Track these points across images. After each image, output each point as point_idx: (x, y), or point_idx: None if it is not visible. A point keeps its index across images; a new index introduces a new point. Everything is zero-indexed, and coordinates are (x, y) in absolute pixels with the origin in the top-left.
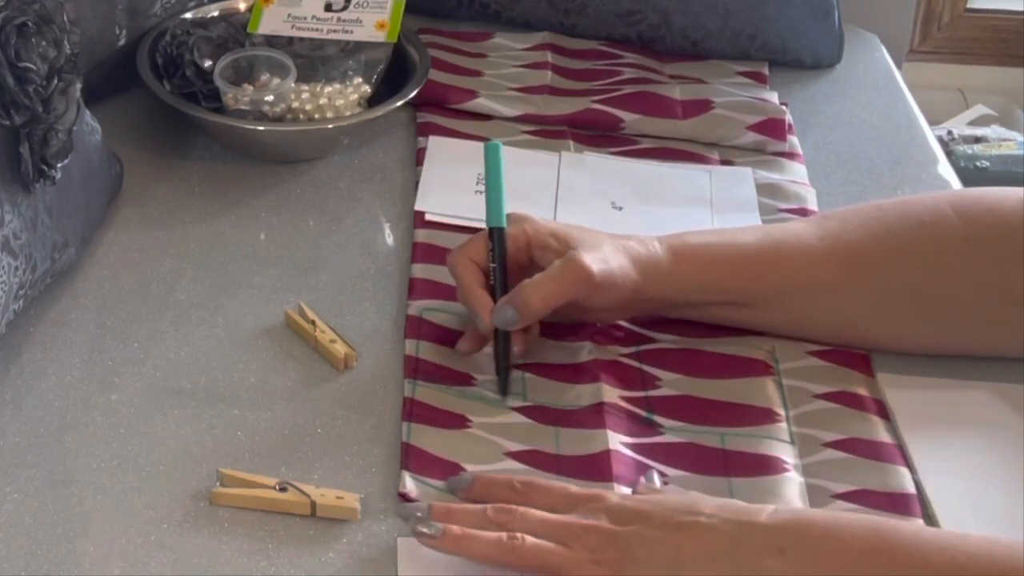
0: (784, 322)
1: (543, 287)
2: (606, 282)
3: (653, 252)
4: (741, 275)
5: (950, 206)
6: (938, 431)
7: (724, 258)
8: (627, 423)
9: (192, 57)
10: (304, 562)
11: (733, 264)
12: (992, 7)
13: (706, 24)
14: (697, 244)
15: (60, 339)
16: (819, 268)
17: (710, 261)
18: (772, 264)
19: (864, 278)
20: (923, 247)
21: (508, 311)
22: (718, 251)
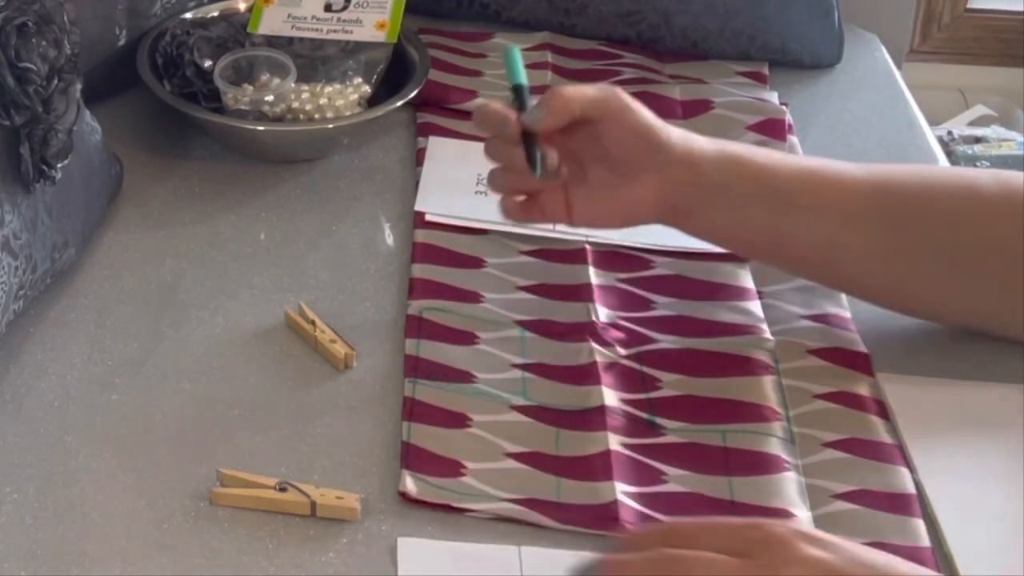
0: (812, 244)
1: (573, 87)
2: (622, 111)
3: (698, 139)
4: (780, 176)
5: (992, 177)
6: (938, 431)
7: (764, 157)
8: (628, 425)
9: (192, 57)
10: (304, 562)
11: (773, 164)
12: (992, 7)
13: (706, 24)
14: (745, 153)
15: (60, 339)
16: (858, 190)
17: (750, 157)
18: (811, 175)
19: (900, 211)
20: (963, 199)
21: (535, 108)
22: (759, 152)
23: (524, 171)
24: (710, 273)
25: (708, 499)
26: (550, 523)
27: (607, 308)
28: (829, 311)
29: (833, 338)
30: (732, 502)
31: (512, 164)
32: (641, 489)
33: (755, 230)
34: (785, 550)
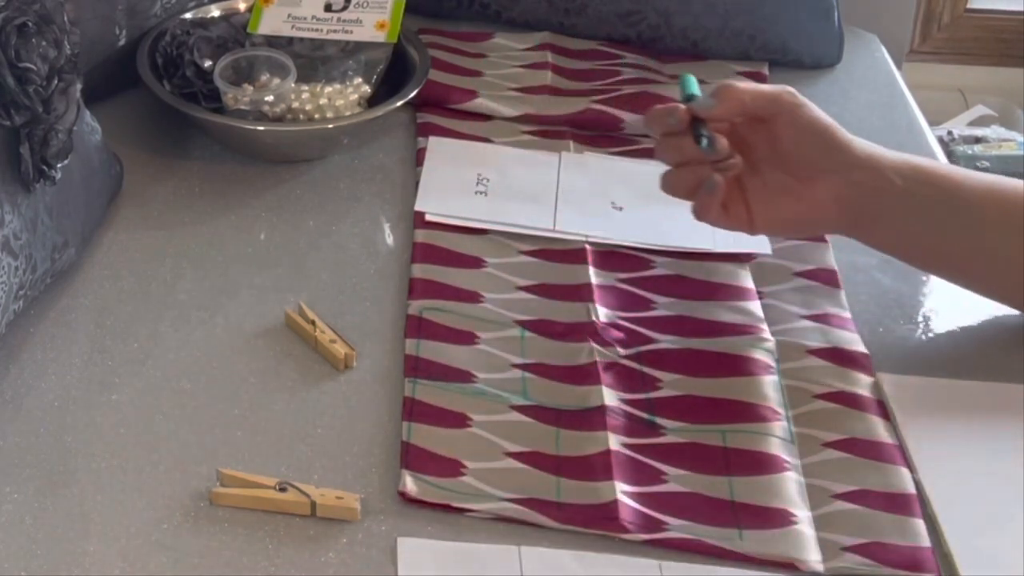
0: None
1: (747, 84)
2: (798, 109)
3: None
4: (965, 188)
5: None
6: (938, 431)
7: (948, 168)
8: (628, 425)
9: (192, 57)
10: (304, 562)
11: (958, 176)
12: (992, 7)
13: (706, 24)
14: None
15: (60, 339)
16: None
17: (933, 167)
18: (996, 190)
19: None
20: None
21: (707, 96)
22: (941, 164)
23: (698, 167)
24: (710, 273)
25: (708, 499)
26: (550, 523)
27: (607, 308)
28: (829, 311)
29: (833, 338)
30: (732, 502)
31: (683, 156)
32: (641, 489)
33: (946, 243)
34: None
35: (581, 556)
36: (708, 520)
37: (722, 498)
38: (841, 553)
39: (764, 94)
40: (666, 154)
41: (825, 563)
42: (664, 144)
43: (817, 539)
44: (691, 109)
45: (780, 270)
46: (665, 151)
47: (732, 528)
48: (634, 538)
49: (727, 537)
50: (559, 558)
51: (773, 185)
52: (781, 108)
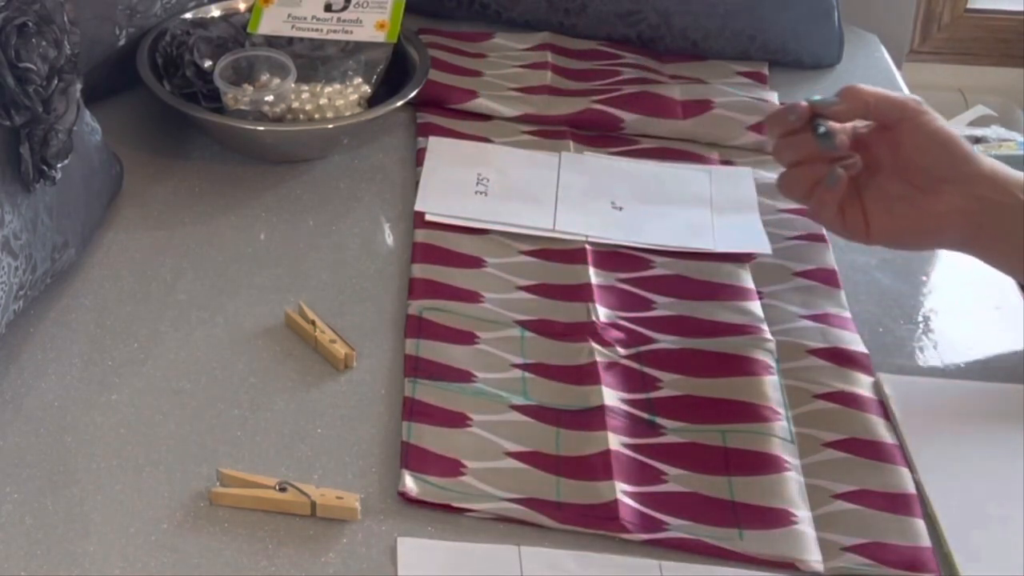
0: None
1: (867, 88)
2: (922, 118)
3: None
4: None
5: None
6: (938, 431)
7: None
8: (628, 425)
9: (192, 57)
10: (304, 562)
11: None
12: (992, 7)
13: (706, 24)
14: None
15: (60, 339)
16: None
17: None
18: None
19: None
20: None
21: (830, 98)
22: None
23: (816, 165)
24: (710, 273)
25: (708, 499)
26: (550, 523)
27: (607, 308)
28: (829, 311)
29: (833, 338)
30: (732, 502)
31: (801, 154)
32: (641, 489)
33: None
34: None
35: (581, 556)
36: (708, 520)
37: (722, 498)
38: (841, 553)
39: (889, 99)
40: (784, 153)
41: (825, 563)
42: (782, 144)
43: (817, 539)
44: (813, 106)
45: (780, 270)
46: (783, 150)
47: (732, 528)
48: (634, 538)
49: (727, 537)
50: (559, 558)
51: (893, 193)
52: (905, 114)
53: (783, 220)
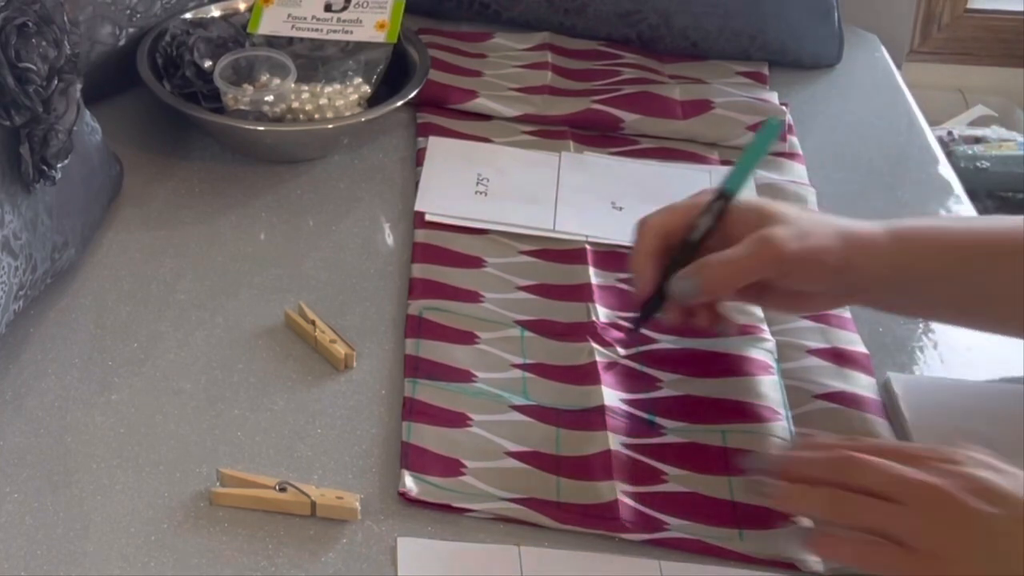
0: (1005, 320)
1: (731, 264)
2: (802, 262)
3: (868, 229)
4: (971, 263)
5: None
6: (947, 431)
7: (952, 242)
8: (628, 425)
9: (192, 57)
10: (304, 562)
11: (964, 249)
12: (992, 7)
13: (706, 24)
14: (921, 226)
15: (60, 339)
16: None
17: (932, 241)
18: (1009, 256)
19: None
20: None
21: (688, 284)
22: (946, 234)
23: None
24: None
25: (708, 499)
26: (550, 523)
27: (607, 308)
28: (829, 311)
29: (833, 338)
30: (732, 502)
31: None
32: (641, 489)
33: (941, 309)
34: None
35: (581, 556)
36: (708, 520)
37: (722, 498)
38: None
39: (751, 274)
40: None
41: (825, 563)
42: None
43: None
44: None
45: None
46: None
47: (732, 528)
48: (634, 538)
49: (727, 537)
50: (559, 558)
51: (768, 304)
52: (777, 276)
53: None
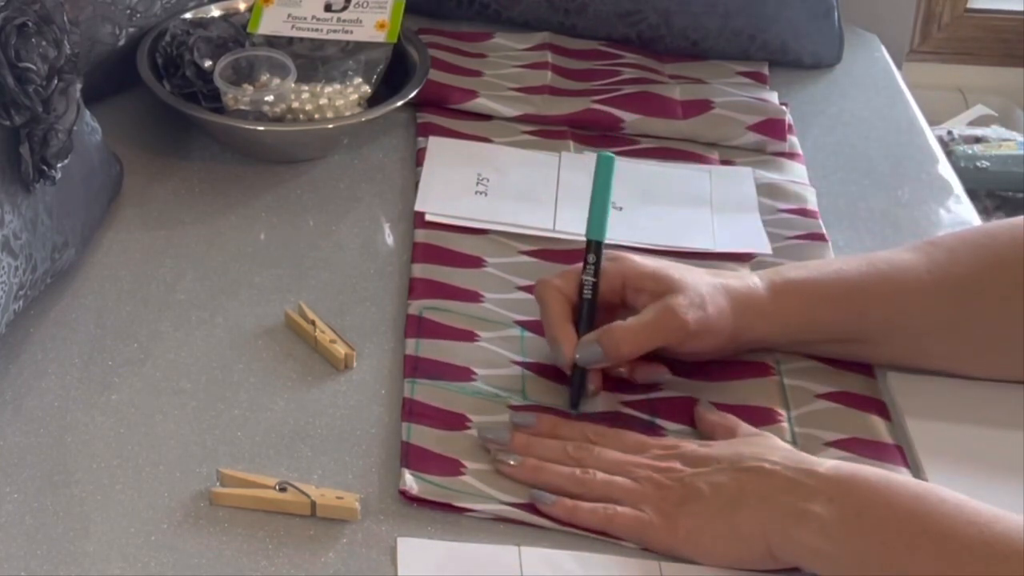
0: (897, 356)
1: (634, 332)
2: (702, 330)
3: (753, 290)
4: (846, 312)
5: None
6: (946, 431)
7: (828, 294)
8: (629, 427)
9: (192, 57)
10: (304, 562)
11: (838, 300)
12: (992, 7)
13: (706, 24)
14: (799, 280)
15: (60, 339)
16: (929, 304)
17: (811, 297)
18: (879, 300)
19: (978, 313)
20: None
21: (595, 350)
22: (821, 287)
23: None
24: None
25: None
26: (550, 523)
27: None
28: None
29: None
30: None
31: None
32: None
33: (837, 355)
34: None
35: (581, 556)
36: None
37: None
38: None
39: (654, 344)
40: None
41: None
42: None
43: None
44: (576, 359)
45: None
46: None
47: None
48: None
49: None
50: (559, 558)
51: (675, 354)
52: (670, 343)
53: (783, 220)
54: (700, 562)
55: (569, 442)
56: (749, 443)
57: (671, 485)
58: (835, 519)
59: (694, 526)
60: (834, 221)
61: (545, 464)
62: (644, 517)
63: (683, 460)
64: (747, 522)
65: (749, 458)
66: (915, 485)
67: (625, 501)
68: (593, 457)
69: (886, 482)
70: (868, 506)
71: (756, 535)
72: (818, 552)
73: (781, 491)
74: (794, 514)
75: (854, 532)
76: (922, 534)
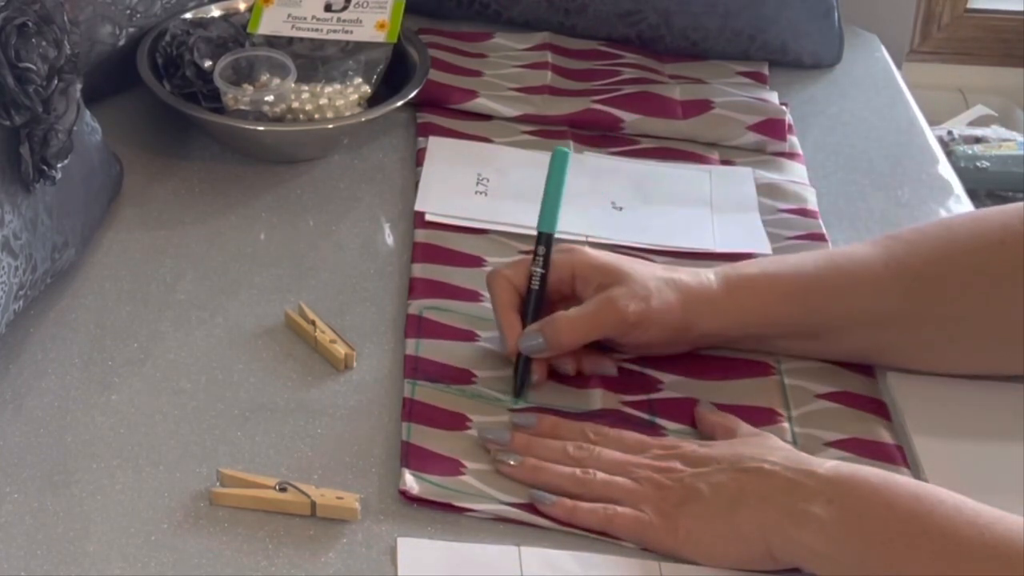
0: (853, 351)
1: (575, 323)
2: (643, 322)
3: (705, 285)
4: (802, 306)
5: (1023, 222)
6: (946, 431)
7: (783, 289)
8: (629, 426)
9: (192, 57)
10: (304, 562)
11: (792, 295)
12: (992, 7)
13: (706, 24)
14: (754, 275)
15: (60, 339)
16: (885, 296)
17: (767, 292)
18: (835, 293)
19: (932, 306)
20: (997, 269)
21: (537, 339)
22: (776, 281)
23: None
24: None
25: None
26: (550, 523)
27: None
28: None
29: None
30: None
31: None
32: None
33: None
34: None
35: (581, 556)
36: None
37: None
38: None
39: (594, 334)
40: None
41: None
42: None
43: None
44: (519, 347)
45: None
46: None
47: None
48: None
49: None
50: (559, 558)
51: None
52: (612, 334)
53: (783, 220)
54: (700, 562)
55: (569, 442)
56: (749, 443)
57: (671, 485)
58: (835, 520)
59: (694, 526)
60: (834, 221)
61: (545, 464)
62: (644, 517)
63: (683, 460)
64: (747, 522)
65: (749, 458)
66: (915, 485)
67: (625, 501)
68: (593, 457)
69: (886, 483)
70: (868, 507)
71: (756, 535)
72: (818, 553)
73: (781, 491)
74: (794, 515)
75: (854, 533)
76: (922, 535)
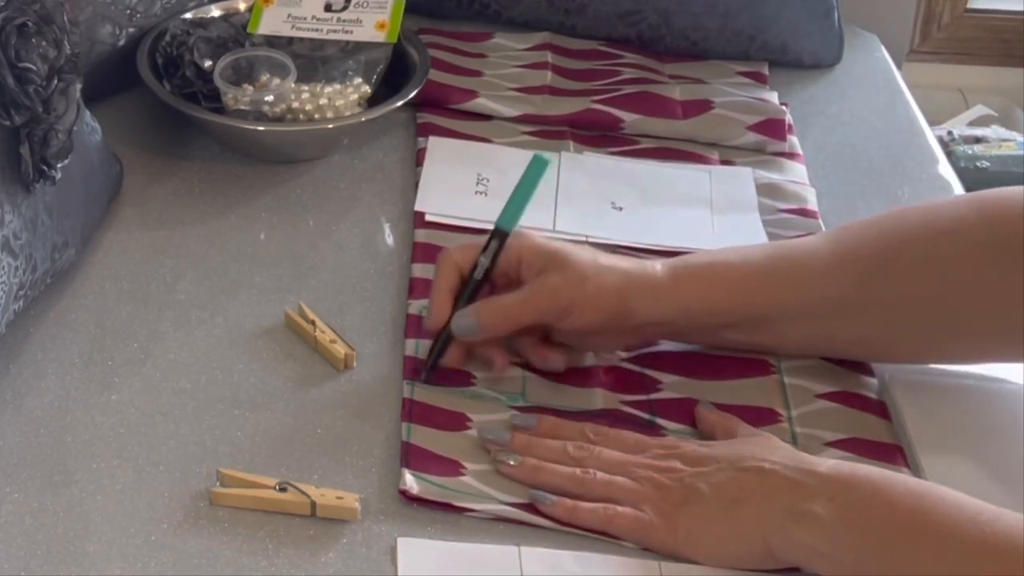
0: (799, 342)
1: (509, 307)
2: (576, 307)
3: (648, 272)
4: (748, 294)
5: (974, 211)
6: (946, 431)
7: (729, 277)
8: (629, 426)
9: (192, 57)
10: (304, 562)
11: (738, 283)
12: (992, 7)
13: (706, 24)
14: (700, 264)
15: (60, 339)
16: (832, 285)
17: (713, 280)
18: (781, 282)
19: (881, 294)
20: (945, 257)
21: (468, 322)
22: (722, 270)
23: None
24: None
25: None
26: (550, 523)
27: None
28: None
29: None
30: None
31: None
32: None
33: (740, 344)
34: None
35: (581, 556)
36: None
37: None
38: None
39: (524, 319)
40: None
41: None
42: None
43: None
44: (450, 327)
45: None
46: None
47: None
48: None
49: None
50: (559, 558)
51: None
52: (551, 323)
53: (783, 220)
54: (700, 562)
55: (569, 442)
56: (749, 443)
57: (671, 485)
58: (835, 519)
59: (694, 526)
60: (834, 221)
61: (545, 464)
62: (644, 517)
63: (683, 460)
64: (747, 522)
65: (749, 458)
66: (915, 484)
67: (625, 501)
68: (593, 457)
69: (886, 481)
70: (868, 506)
71: (756, 535)
72: (818, 552)
73: (781, 491)
74: (794, 514)
75: (854, 532)
76: (922, 534)
